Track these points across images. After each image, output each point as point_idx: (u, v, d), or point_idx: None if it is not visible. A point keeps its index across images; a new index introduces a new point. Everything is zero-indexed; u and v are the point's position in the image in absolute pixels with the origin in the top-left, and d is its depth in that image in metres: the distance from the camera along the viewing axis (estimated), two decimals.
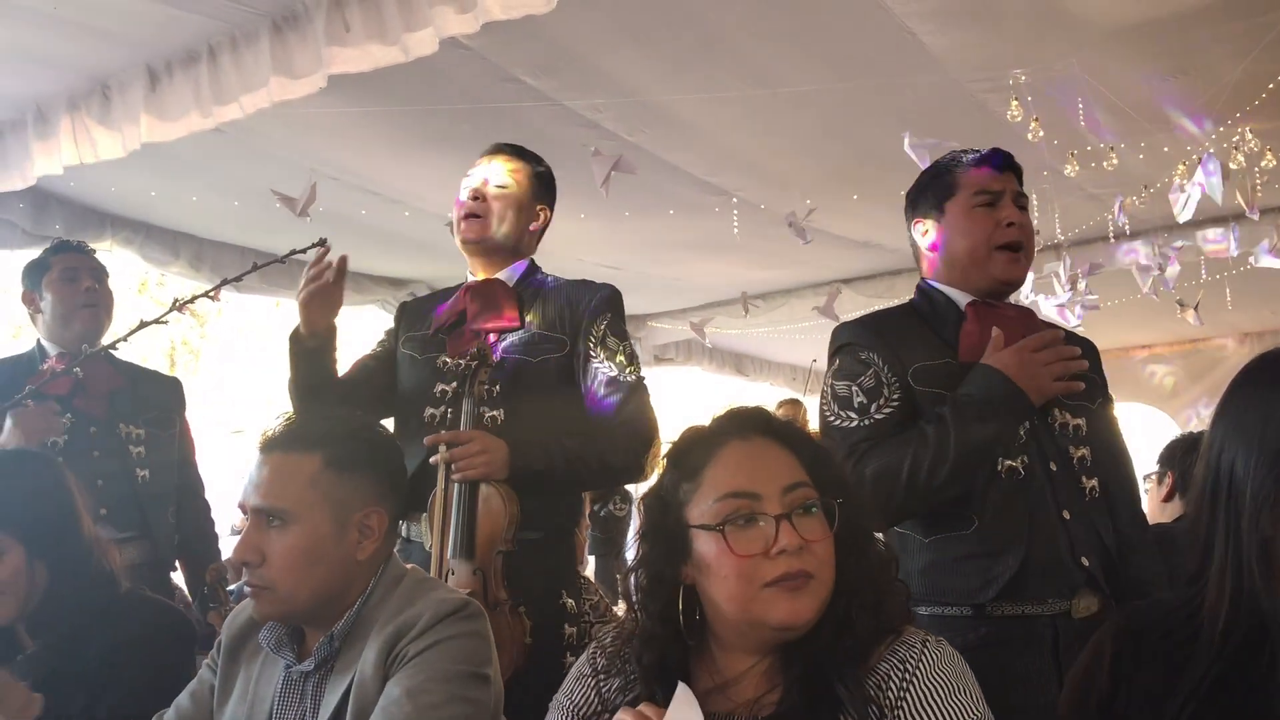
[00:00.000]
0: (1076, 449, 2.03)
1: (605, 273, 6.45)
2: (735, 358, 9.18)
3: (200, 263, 5.44)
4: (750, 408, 1.43)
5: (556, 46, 3.70)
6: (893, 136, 4.13)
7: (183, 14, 3.39)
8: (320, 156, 4.50)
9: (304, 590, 1.60)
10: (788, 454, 1.36)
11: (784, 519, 1.29)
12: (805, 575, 1.28)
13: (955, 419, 1.94)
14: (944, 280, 2.18)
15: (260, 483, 1.64)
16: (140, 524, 3.02)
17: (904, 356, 2.08)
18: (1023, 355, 1.97)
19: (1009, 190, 2.12)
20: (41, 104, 3.93)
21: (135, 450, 3.06)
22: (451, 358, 2.39)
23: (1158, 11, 3.56)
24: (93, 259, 3.21)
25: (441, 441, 2.18)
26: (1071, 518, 1.97)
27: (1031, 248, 2.15)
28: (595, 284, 2.51)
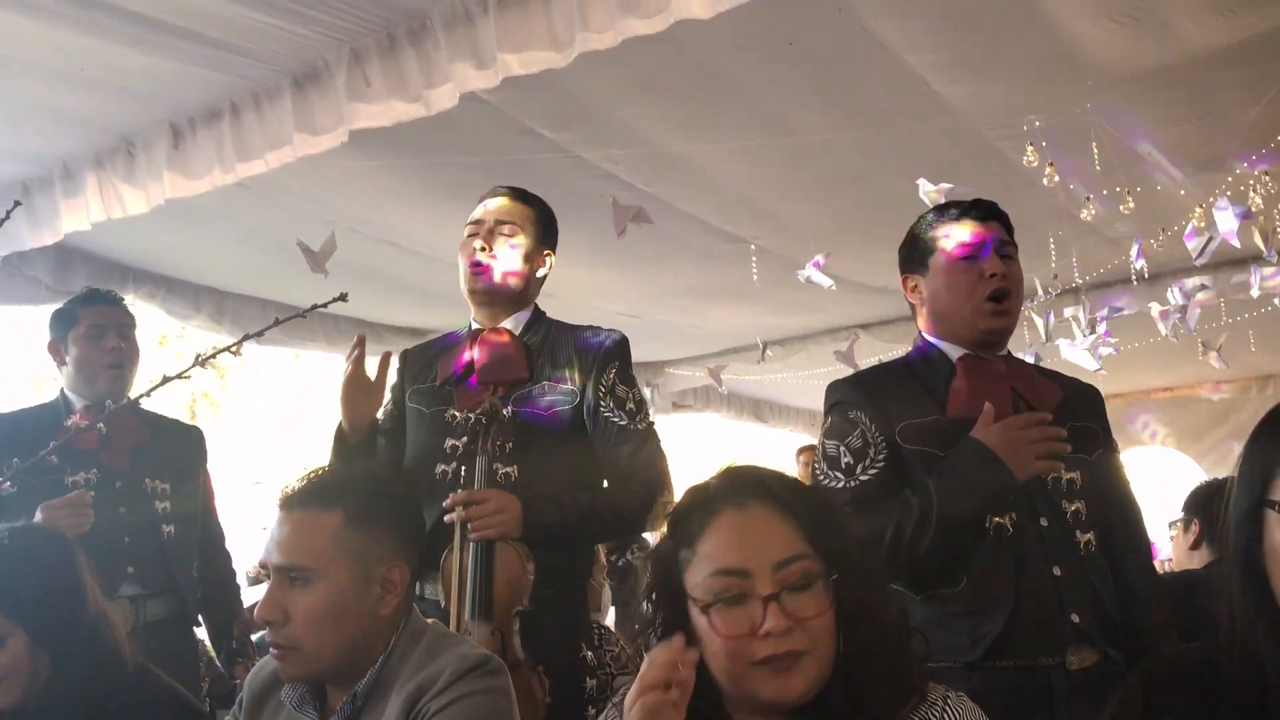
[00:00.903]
0: (1070, 503, 2.02)
1: (622, 320, 6.47)
2: (754, 404, 9.15)
3: (222, 315, 5.48)
4: (748, 469, 1.37)
5: (573, 99, 3.74)
6: (909, 183, 4.14)
7: (206, 72, 3.45)
8: (340, 209, 4.55)
9: (329, 648, 1.59)
10: (785, 522, 1.29)
11: (772, 600, 1.24)
12: (794, 654, 1.23)
13: (939, 491, 1.95)
14: (936, 334, 2.19)
15: (281, 541, 1.63)
16: (167, 580, 3.00)
17: (892, 415, 2.08)
18: (1009, 433, 1.96)
19: (991, 240, 2.12)
20: (68, 161, 3.99)
21: (160, 505, 3.04)
22: (460, 411, 2.35)
23: (1170, 58, 3.58)
24: (120, 311, 3.21)
25: (458, 503, 2.16)
26: (1063, 573, 1.96)
27: (1019, 295, 2.15)
28: (602, 330, 2.50)
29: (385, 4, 3.14)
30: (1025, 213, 4.65)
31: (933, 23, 3.35)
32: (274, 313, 4.85)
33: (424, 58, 3.18)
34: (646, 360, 7.96)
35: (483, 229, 2.48)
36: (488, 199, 2.56)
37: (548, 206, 2.61)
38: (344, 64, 3.30)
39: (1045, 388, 2.13)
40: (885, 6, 3.24)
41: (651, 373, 8.03)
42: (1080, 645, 1.94)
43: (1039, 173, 3.94)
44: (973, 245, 2.12)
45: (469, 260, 2.46)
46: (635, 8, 2.78)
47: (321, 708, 1.66)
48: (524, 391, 2.37)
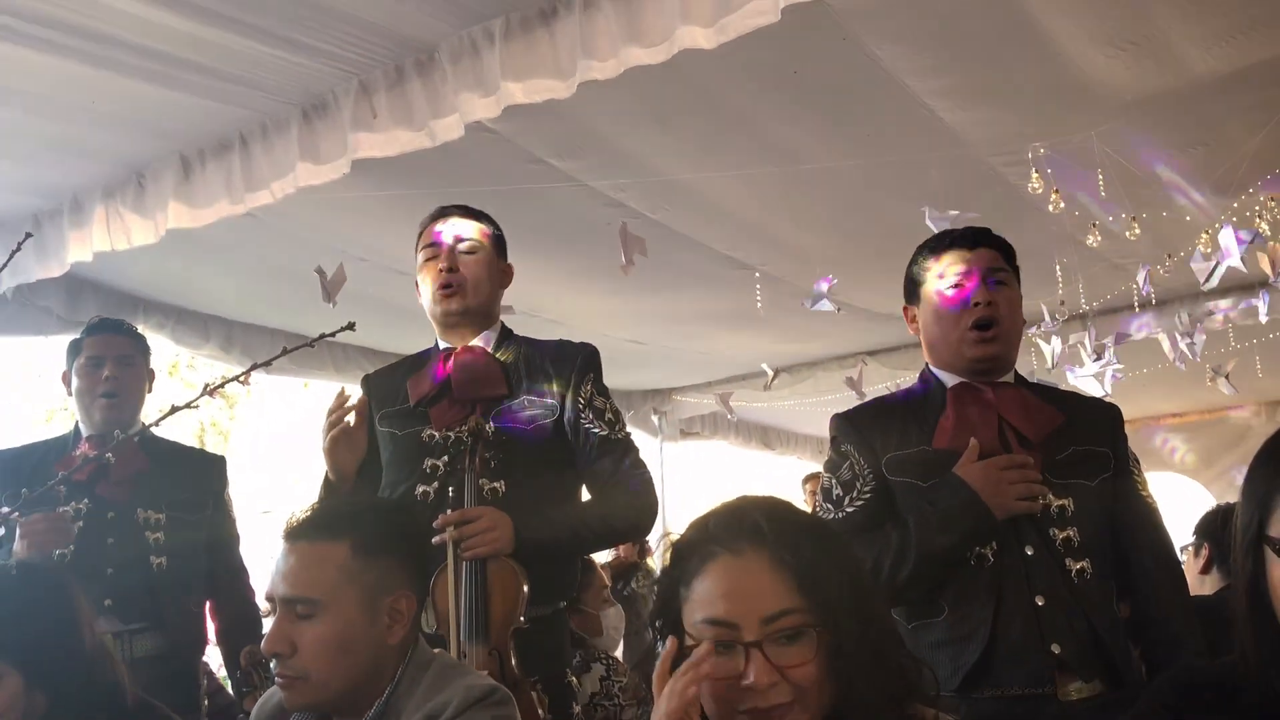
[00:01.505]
0: (1060, 530, 2.01)
1: (630, 347, 6.49)
2: (761, 431, 9.14)
3: (231, 345, 5.50)
4: (750, 510, 1.32)
5: (580, 129, 3.77)
6: (914, 210, 4.15)
7: (217, 105, 3.48)
8: (348, 238, 4.57)
9: (336, 679, 1.59)
10: (779, 574, 1.25)
11: (757, 649, 1.22)
12: (779, 708, 1.22)
13: (918, 527, 1.98)
14: (935, 363, 2.21)
15: (288, 572, 1.62)
16: (152, 614, 2.91)
17: (879, 447, 2.11)
18: (989, 471, 1.98)
19: (978, 268, 2.13)
20: (78, 193, 4.03)
21: (152, 536, 2.96)
22: (439, 431, 2.33)
23: (1174, 85, 3.59)
24: (121, 341, 3.15)
25: (450, 523, 2.14)
26: (1046, 603, 1.95)
27: (1010, 322, 2.14)
28: (574, 344, 2.51)
29: (394, 37, 3.18)
30: (1031, 239, 4.69)
31: (937, 50, 3.37)
32: (282, 342, 4.88)
33: (430, 89, 3.21)
34: (654, 388, 7.97)
35: (443, 250, 2.44)
36: (438, 220, 2.52)
37: (495, 221, 2.60)
38: (351, 95, 3.34)
39: (1041, 415, 2.11)
40: (889, 34, 3.26)
41: (659, 400, 8.03)
42: (1069, 677, 1.92)
43: (1044, 199, 3.95)
44: (958, 275, 2.14)
45: (437, 283, 2.43)
46: (638, 37, 2.81)
47: None
48: (504, 407, 2.36)
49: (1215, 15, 3.23)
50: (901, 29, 3.25)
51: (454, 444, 2.27)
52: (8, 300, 4.59)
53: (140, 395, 3.13)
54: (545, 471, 2.34)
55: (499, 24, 3.05)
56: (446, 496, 2.25)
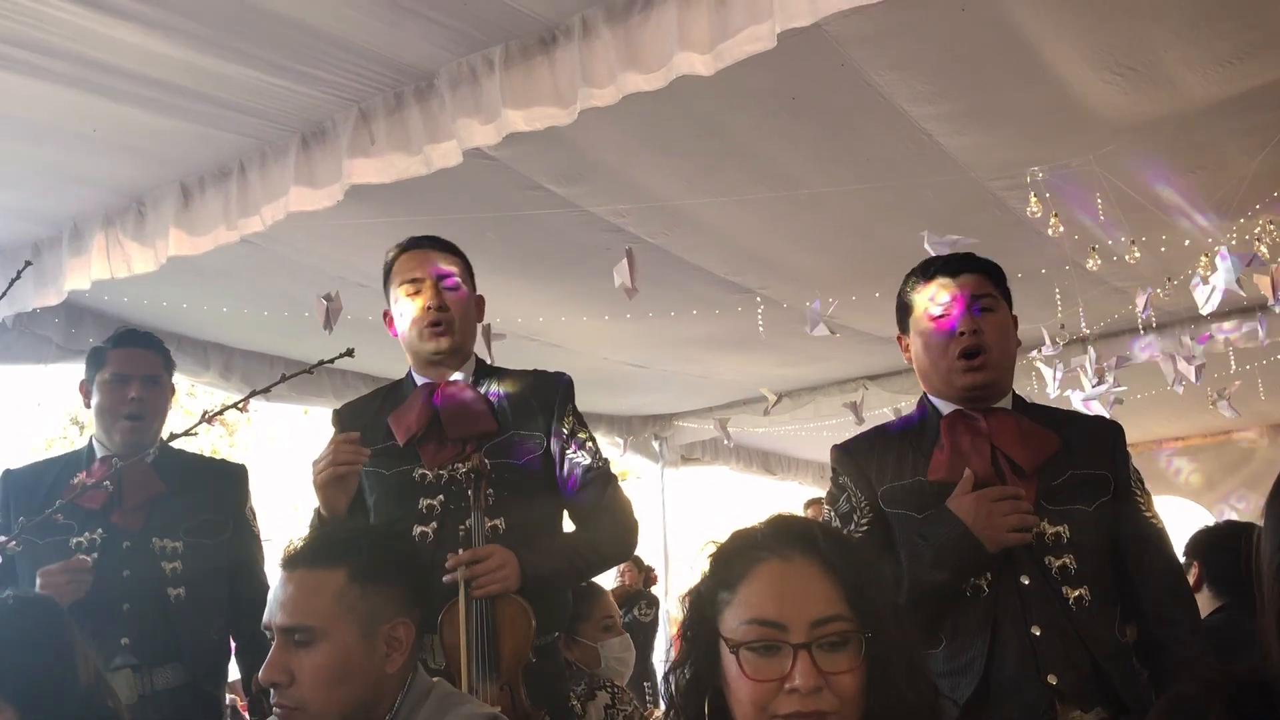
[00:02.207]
0: (1056, 559, 1.99)
1: (630, 371, 6.48)
2: (762, 456, 9.12)
3: (230, 372, 5.50)
4: (798, 521, 1.36)
5: (580, 155, 3.78)
6: (913, 234, 4.15)
7: (217, 132, 3.49)
8: (348, 264, 4.58)
9: (334, 708, 1.57)
10: (828, 580, 1.27)
11: (805, 650, 1.22)
12: (820, 714, 1.21)
13: (910, 562, 1.98)
14: (930, 391, 2.21)
15: (285, 601, 1.61)
16: (171, 647, 2.76)
17: (874, 479, 2.11)
18: (981, 504, 1.96)
19: (961, 296, 2.12)
20: (78, 221, 4.03)
21: (169, 566, 2.80)
22: (431, 470, 2.31)
23: (1172, 109, 3.61)
24: (149, 358, 2.96)
25: (463, 562, 2.14)
26: (1043, 633, 1.93)
27: (999, 348, 2.12)
28: (550, 374, 2.51)
29: (393, 64, 3.19)
30: (1031, 263, 4.71)
31: (934, 75, 3.38)
32: (282, 369, 4.87)
33: (429, 116, 3.22)
34: (655, 413, 7.96)
35: (425, 286, 2.42)
36: (406, 252, 2.50)
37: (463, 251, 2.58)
38: (351, 123, 3.34)
39: (1036, 441, 2.09)
40: (887, 60, 3.28)
41: (660, 425, 8.02)
42: (1069, 707, 1.90)
43: (1043, 223, 3.95)
44: (944, 304, 2.13)
45: (425, 320, 2.40)
46: (637, 64, 2.82)
47: None
48: (497, 445, 2.35)
49: (1212, 40, 3.24)
50: (899, 55, 3.26)
51: (455, 483, 2.27)
52: (7, 329, 4.59)
53: (164, 416, 2.99)
54: (535, 504, 2.35)
55: (498, 51, 3.07)
56: (445, 536, 2.24)
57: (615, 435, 7.84)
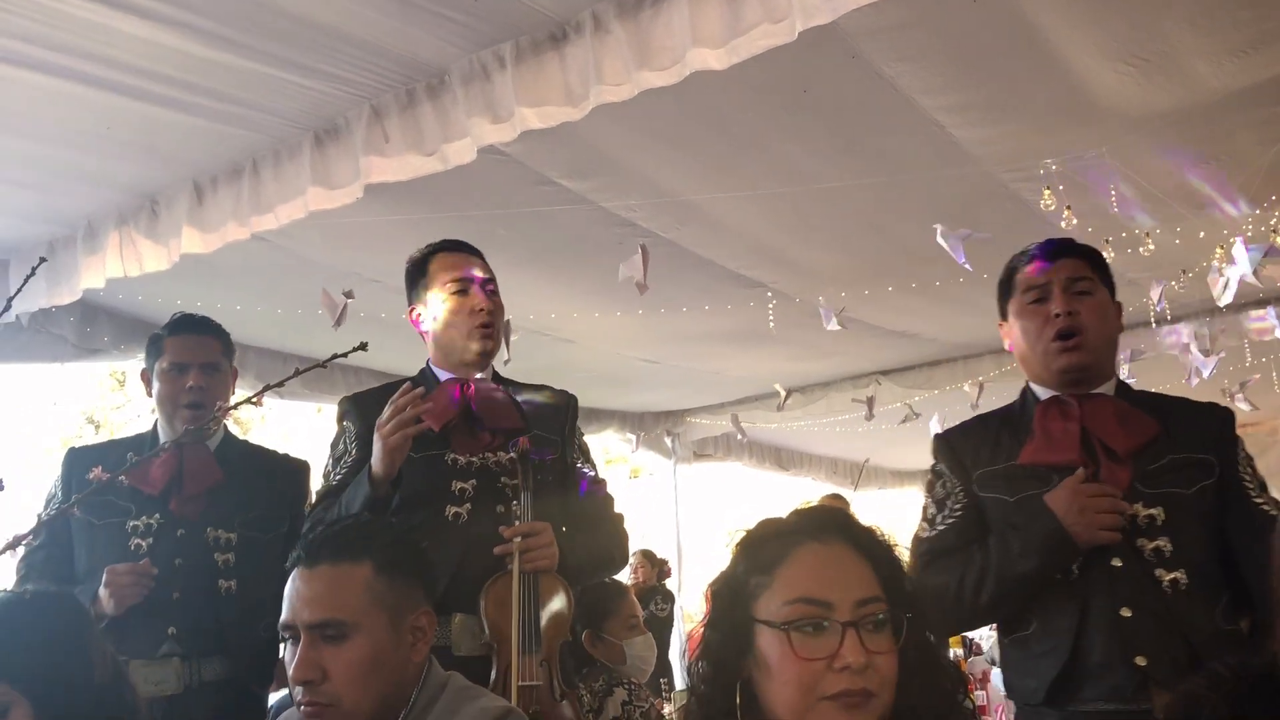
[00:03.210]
0: (1150, 541, 1.97)
1: (643, 366, 6.49)
2: (774, 452, 9.12)
3: (244, 369, 5.49)
4: (831, 508, 1.40)
5: (592, 150, 3.78)
6: (926, 228, 4.15)
7: (230, 129, 3.50)
8: (360, 260, 4.59)
9: (367, 701, 1.57)
10: (864, 564, 1.31)
11: (852, 628, 1.24)
12: (867, 694, 1.23)
13: (999, 550, 2.00)
14: (1030, 378, 2.21)
15: (313, 597, 1.60)
16: (217, 641, 2.70)
17: (970, 464, 2.14)
18: (1076, 499, 1.95)
19: (1058, 280, 2.12)
20: (93, 220, 4.05)
21: (222, 558, 2.74)
22: (463, 456, 2.37)
23: (1185, 100, 3.59)
24: (207, 345, 2.88)
25: (519, 533, 2.22)
26: (1133, 615, 1.92)
27: (1097, 330, 2.12)
28: (559, 391, 2.60)
29: (405, 61, 3.19)
30: None
31: (946, 68, 3.37)
32: (295, 366, 4.88)
33: (441, 113, 3.22)
34: (667, 409, 7.96)
35: (473, 287, 2.46)
36: (452, 254, 2.53)
37: None
38: (364, 120, 3.35)
39: (1134, 426, 2.07)
40: (899, 52, 3.27)
41: (672, 422, 8.02)
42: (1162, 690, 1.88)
43: (1057, 215, 3.94)
44: (1040, 287, 2.14)
45: (477, 321, 2.44)
46: (650, 60, 2.82)
47: None
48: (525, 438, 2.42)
49: (1226, 31, 3.22)
50: (911, 47, 3.25)
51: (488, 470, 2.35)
52: (22, 327, 4.61)
53: (225, 397, 2.88)
54: (552, 502, 2.39)
55: (509, 48, 3.06)
56: (479, 517, 2.31)
57: (627, 431, 7.84)
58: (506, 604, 2.18)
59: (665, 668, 5.71)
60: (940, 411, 7.01)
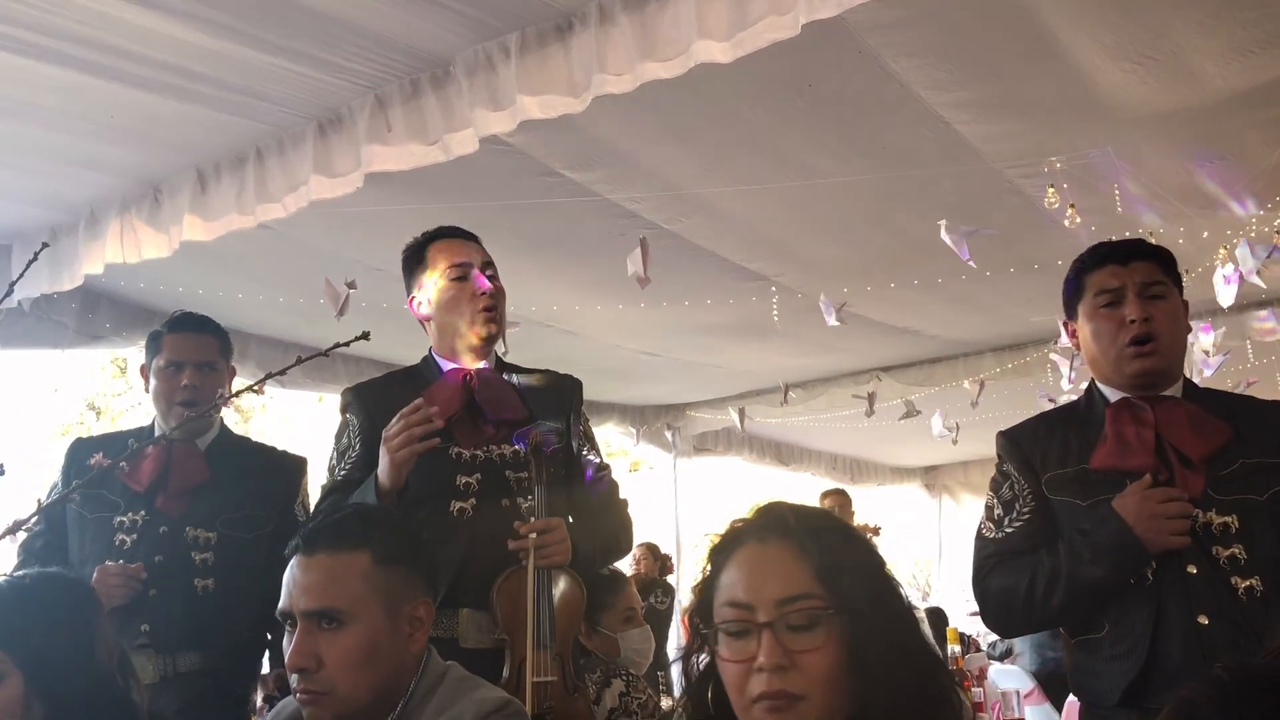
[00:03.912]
0: (1224, 549, 1.96)
1: (644, 359, 6.48)
2: (775, 447, 9.12)
3: (245, 358, 5.51)
4: (774, 505, 1.36)
5: (596, 142, 3.77)
6: (930, 224, 4.15)
7: (234, 119, 3.50)
8: (363, 249, 4.59)
9: (362, 689, 1.57)
10: (800, 561, 1.27)
11: (767, 629, 1.23)
12: (788, 696, 1.21)
13: (1069, 556, 1.99)
14: (1098, 378, 2.19)
15: (310, 585, 1.60)
16: (192, 637, 2.71)
17: (1039, 466, 2.12)
18: (1146, 506, 1.95)
19: (1132, 284, 2.10)
20: (95, 207, 4.05)
21: (199, 557, 2.75)
22: (468, 449, 2.34)
23: (1191, 100, 3.58)
24: (204, 343, 2.90)
25: (535, 529, 2.20)
26: (1210, 622, 1.91)
27: (1171, 335, 2.10)
28: (563, 375, 2.56)
29: (409, 51, 3.19)
30: (1047, 253, 4.67)
31: (952, 63, 3.36)
32: (297, 354, 4.88)
33: (445, 103, 3.22)
34: (668, 403, 7.95)
35: (474, 272, 2.43)
36: (447, 239, 2.50)
37: None
38: (367, 110, 3.34)
39: (1206, 431, 2.06)
40: (904, 47, 3.26)
41: (673, 415, 8.02)
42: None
43: (1061, 213, 3.93)
44: (1114, 291, 2.11)
45: (479, 305, 2.41)
46: (654, 52, 2.81)
47: None
48: (526, 430, 2.39)
49: (1232, 30, 3.21)
50: (917, 42, 3.25)
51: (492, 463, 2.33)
52: (24, 313, 4.61)
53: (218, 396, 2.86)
54: (557, 492, 2.38)
55: (514, 39, 3.06)
56: (484, 512, 2.29)
57: (628, 425, 7.84)
58: (520, 600, 2.16)
59: (664, 661, 5.71)
60: (941, 408, 7.02)
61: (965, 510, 10.50)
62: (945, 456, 9.96)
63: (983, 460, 10.00)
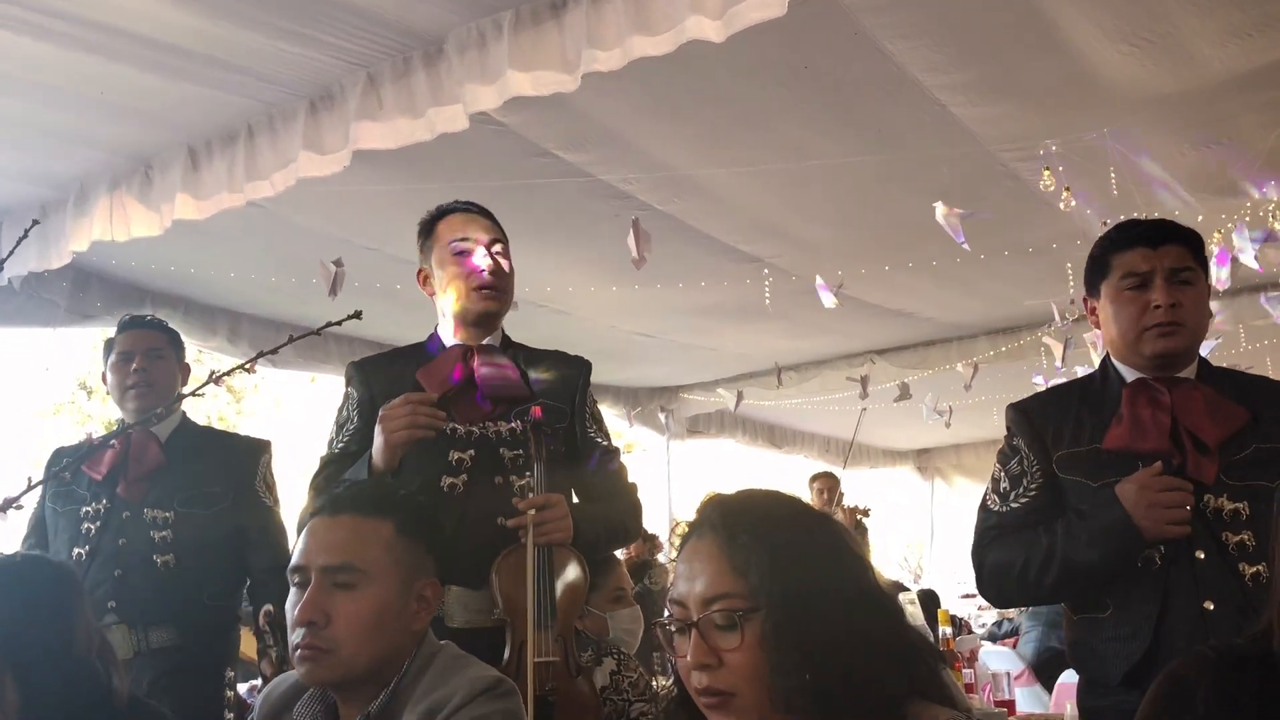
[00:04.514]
0: (1234, 535, 1.95)
1: (637, 340, 6.48)
2: (768, 429, 9.13)
3: (237, 337, 5.50)
4: (710, 500, 1.36)
5: (590, 122, 3.75)
6: (925, 206, 4.14)
7: (225, 96, 3.47)
8: (356, 229, 4.57)
9: (364, 655, 1.58)
10: (724, 560, 1.26)
11: (694, 628, 1.25)
12: (719, 693, 1.23)
13: (1065, 537, 1.99)
14: (1115, 357, 2.17)
15: (333, 542, 1.62)
16: (158, 610, 2.87)
17: (1050, 443, 2.10)
18: (1145, 494, 1.93)
19: (1161, 268, 2.07)
20: (85, 184, 4.02)
21: (158, 535, 2.91)
22: (464, 425, 2.31)
23: (1188, 83, 3.57)
24: (150, 335, 3.10)
25: (534, 505, 2.16)
26: (1216, 608, 1.91)
27: (1195, 319, 2.08)
28: (572, 356, 2.53)
29: (403, 29, 3.16)
30: (1042, 236, 4.68)
31: (949, 46, 3.35)
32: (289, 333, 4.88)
33: (436, 81, 3.19)
34: (661, 385, 7.95)
35: (478, 246, 2.40)
36: (455, 215, 2.46)
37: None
38: (359, 88, 3.32)
39: (1224, 415, 2.04)
40: (901, 29, 3.24)
41: (666, 398, 8.02)
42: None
43: (1056, 196, 3.93)
44: (1143, 274, 2.08)
45: (477, 282, 2.38)
46: (645, 27, 2.78)
47: None
48: (524, 409, 2.35)
49: (1230, 12, 3.20)
50: (914, 24, 3.23)
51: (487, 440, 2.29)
52: (14, 291, 4.59)
53: (171, 388, 3.08)
54: (561, 472, 2.35)
55: (508, 16, 3.04)
56: (475, 490, 2.26)
57: (621, 406, 7.84)
58: (521, 578, 2.13)
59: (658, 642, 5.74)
60: (933, 392, 7.03)
61: (957, 493, 10.54)
62: (938, 439, 9.98)
63: (975, 443, 10.04)
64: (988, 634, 6.60)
